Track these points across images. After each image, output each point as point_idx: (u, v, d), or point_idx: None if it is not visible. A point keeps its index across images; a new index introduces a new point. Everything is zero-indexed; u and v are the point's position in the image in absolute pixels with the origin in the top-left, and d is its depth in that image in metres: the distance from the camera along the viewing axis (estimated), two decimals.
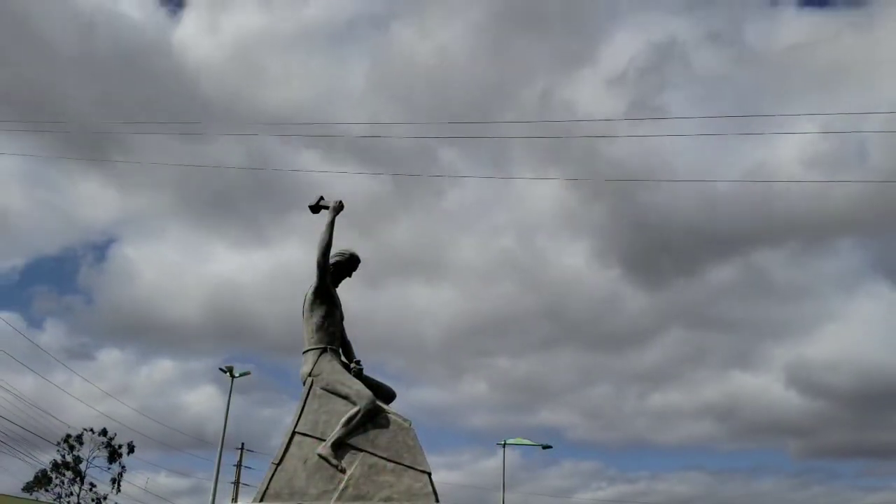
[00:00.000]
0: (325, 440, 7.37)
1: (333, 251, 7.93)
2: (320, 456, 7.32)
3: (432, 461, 7.28)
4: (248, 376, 34.43)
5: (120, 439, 48.81)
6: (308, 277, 7.99)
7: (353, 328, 8.04)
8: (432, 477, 7.30)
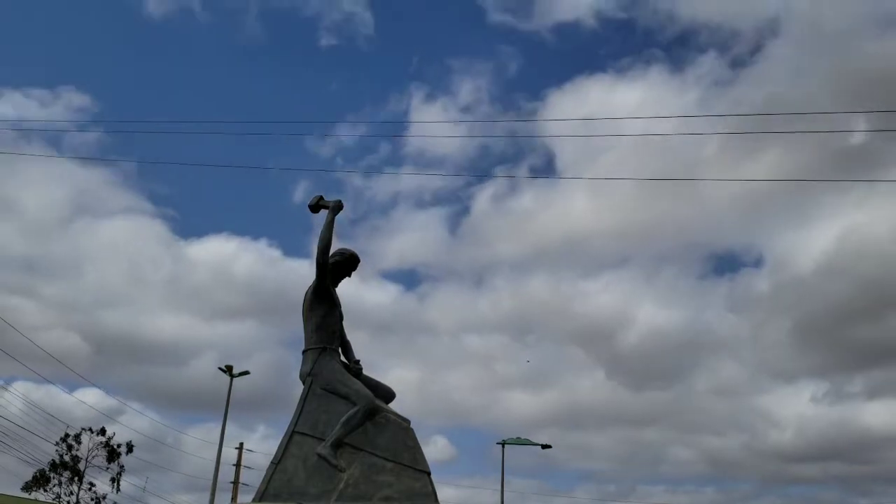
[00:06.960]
0: (324, 440, 7.38)
1: (333, 250, 7.95)
2: (320, 455, 7.32)
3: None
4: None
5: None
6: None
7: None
8: (431, 476, 7.31)
